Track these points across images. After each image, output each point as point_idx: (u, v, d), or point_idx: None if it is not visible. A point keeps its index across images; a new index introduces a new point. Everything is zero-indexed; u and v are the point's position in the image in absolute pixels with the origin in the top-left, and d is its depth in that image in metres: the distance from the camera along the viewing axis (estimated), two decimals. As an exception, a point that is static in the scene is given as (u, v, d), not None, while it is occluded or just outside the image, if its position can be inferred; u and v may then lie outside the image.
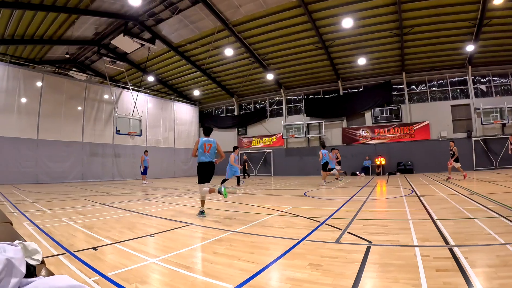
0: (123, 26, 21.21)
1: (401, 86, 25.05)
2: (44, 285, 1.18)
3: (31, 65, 22.66)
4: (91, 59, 27.05)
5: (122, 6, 19.27)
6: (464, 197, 8.61)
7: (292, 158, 28.63)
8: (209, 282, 3.04)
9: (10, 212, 7.75)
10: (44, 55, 24.57)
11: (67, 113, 22.70)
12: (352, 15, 19.00)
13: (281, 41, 22.68)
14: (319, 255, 3.86)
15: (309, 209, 7.71)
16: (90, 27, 21.40)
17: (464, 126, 23.16)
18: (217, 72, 28.50)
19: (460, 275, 2.92)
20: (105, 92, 25.77)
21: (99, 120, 25.04)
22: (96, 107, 24.90)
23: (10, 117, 19.52)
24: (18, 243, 1.69)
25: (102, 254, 4.10)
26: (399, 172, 23.74)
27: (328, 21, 20.13)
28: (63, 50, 24.17)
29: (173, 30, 22.67)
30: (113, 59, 24.45)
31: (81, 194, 13.34)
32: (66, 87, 22.84)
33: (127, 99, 26.95)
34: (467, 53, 21.40)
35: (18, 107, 19.98)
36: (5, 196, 11.77)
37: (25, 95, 20.39)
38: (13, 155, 19.48)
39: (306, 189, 13.82)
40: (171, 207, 8.84)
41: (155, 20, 21.43)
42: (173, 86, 32.10)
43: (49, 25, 19.94)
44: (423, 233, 4.71)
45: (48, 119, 21.38)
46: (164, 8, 20.11)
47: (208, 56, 25.11)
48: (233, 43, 23.06)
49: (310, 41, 22.16)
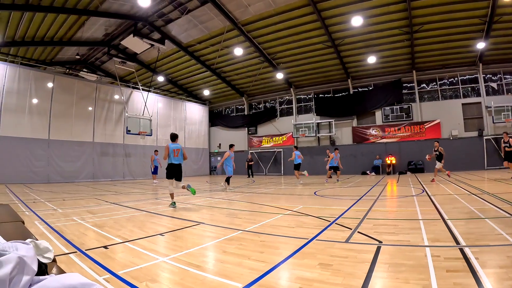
0: (132, 27, 21.34)
1: (411, 85, 24.84)
2: (56, 283, 1.18)
3: (42, 66, 22.92)
4: (101, 60, 27.28)
5: (132, 7, 19.39)
6: (475, 197, 8.50)
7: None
8: (219, 281, 3.03)
9: (22, 211, 7.84)
10: (54, 56, 24.84)
11: (78, 113, 22.97)
12: (361, 13, 18.87)
13: (290, 40, 22.63)
14: (329, 254, 3.84)
15: (319, 209, 7.68)
16: (100, 28, 21.57)
17: (476, 125, 22.86)
18: (227, 72, 28.55)
19: (470, 275, 2.88)
20: (116, 93, 25.99)
21: (110, 120, 25.28)
22: (106, 107, 25.14)
23: (22, 118, 19.81)
24: (30, 242, 1.70)
25: (112, 252, 4.12)
26: (409, 171, 23.56)
27: (337, 20, 20.03)
28: (74, 51, 24.42)
29: (182, 30, 22.74)
30: (123, 59, 24.63)
31: (92, 193, 13.45)
32: (77, 88, 23.10)
33: (137, 99, 27.15)
34: (478, 50, 21.10)
35: (29, 107, 20.26)
36: (17, 196, 11.91)
37: (36, 96, 20.68)
38: (25, 155, 19.78)
39: (316, 188, 13.77)
40: (181, 206, 8.86)
41: (165, 20, 21.53)
42: (183, 86, 32.22)
43: (59, 27, 20.14)
44: (434, 233, 4.65)
45: (59, 119, 21.66)
46: (173, 8, 20.18)
47: (218, 55, 25.14)
48: (243, 43, 23.07)
49: (320, 39, 22.07)
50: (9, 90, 19.31)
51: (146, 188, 16.28)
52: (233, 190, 13.62)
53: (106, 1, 18.14)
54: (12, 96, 19.44)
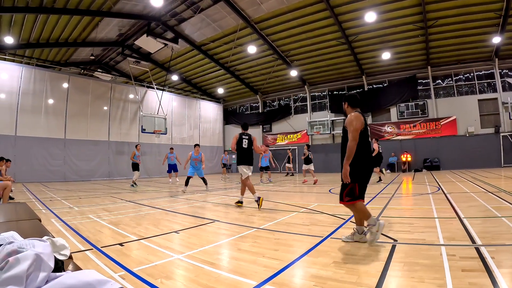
0: (146, 27, 21.48)
1: (426, 81, 24.48)
2: (72, 279, 1.19)
3: (57, 67, 23.25)
4: (116, 60, 27.57)
5: (145, 7, 19.52)
6: (492, 195, 8.33)
7: (317, 155, 28.33)
8: (233, 279, 3.04)
9: (39, 209, 7.97)
10: (69, 57, 25.20)
11: (93, 113, 23.27)
12: (374, 8, 18.63)
13: (303, 37, 22.50)
14: (343, 252, 3.82)
15: (334, 206, 7.63)
16: (113, 29, 21.79)
17: (492, 121, 22.39)
18: (241, 70, 28.56)
19: (486, 275, 2.83)
20: (130, 92, 26.24)
21: (125, 119, 25.54)
22: (121, 106, 25.41)
23: (38, 118, 20.18)
24: (47, 239, 1.72)
25: (128, 250, 4.16)
26: (425, 169, 23.25)
27: (351, 16, 19.84)
28: (88, 52, 24.71)
29: (195, 29, 22.81)
30: (137, 59, 24.86)
31: (107, 191, 13.61)
32: (92, 88, 23.41)
33: (152, 98, 27.36)
34: (494, 45, 20.61)
35: (45, 108, 20.62)
36: (34, 194, 12.12)
37: (52, 97, 21.03)
38: (42, 154, 20.16)
39: (331, 186, 13.70)
40: (196, 204, 8.91)
41: (178, 19, 21.62)
42: (197, 84, 32.34)
43: (73, 28, 20.42)
44: (450, 232, 4.58)
45: (75, 119, 21.98)
46: (186, 7, 20.26)
47: (231, 54, 25.17)
48: (256, 41, 23.03)
49: (333, 36, 21.90)
50: (25, 91, 19.66)
51: (161, 186, 16.40)
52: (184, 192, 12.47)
53: (119, 1, 18.30)
54: (28, 97, 19.79)
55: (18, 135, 19.19)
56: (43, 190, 14.18)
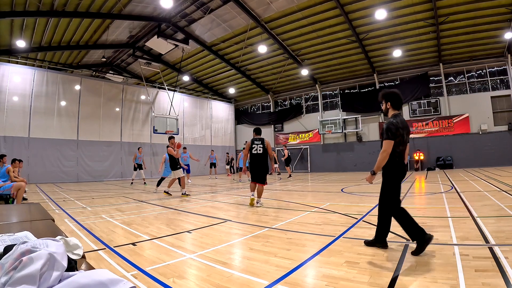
0: (156, 28, 21.60)
1: (438, 78, 24.12)
2: (85, 279, 1.19)
3: (69, 70, 23.49)
4: (127, 62, 27.79)
5: (155, 9, 19.63)
6: (506, 194, 8.20)
7: (329, 154, 28.31)
8: (245, 278, 3.04)
9: (52, 209, 8.08)
10: (81, 60, 25.49)
11: (106, 114, 23.50)
12: (384, 6, 18.43)
13: (314, 36, 22.38)
14: (356, 252, 3.80)
15: (346, 206, 7.59)
16: (124, 31, 21.98)
17: (505, 119, 21.92)
18: (252, 70, 28.53)
19: (499, 275, 2.79)
20: (142, 93, 26.42)
21: (137, 120, 25.73)
22: (133, 107, 25.59)
23: (51, 120, 20.45)
24: (60, 239, 1.74)
25: (140, 249, 4.19)
26: (438, 167, 22.94)
27: (361, 14, 19.67)
28: (99, 54, 24.94)
29: (206, 30, 22.87)
30: (148, 60, 25.02)
31: (120, 191, 13.74)
32: (104, 90, 23.64)
33: (164, 99, 27.52)
34: (506, 41, 20.16)
35: (58, 110, 20.89)
36: (47, 194, 12.29)
37: (65, 99, 21.28)
38: (55, 156, 20.43)
39: (343, 185, 13.62)
40: (208, 204, 8.94)
41: (188, 20, 21.70)
42: (208, 84, 32.40)
43: (84, 31, 20.62)
44: (463, 231, 4.54)
45: (87, 120, 22.22)
46: (196, 8, 20.31)
47: (242, 54, 25.17)
48: (266, 40, 23.00)
49: (344, 34, 21.74)
50: (37, 94, 19.93)
51: (173, 187, 16.45)
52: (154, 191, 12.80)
53: (129, 4, 18.43)
54: (41, 100, 20.06)
55: (32, 136, 19.45)
56: (56, 190, 14.36)
